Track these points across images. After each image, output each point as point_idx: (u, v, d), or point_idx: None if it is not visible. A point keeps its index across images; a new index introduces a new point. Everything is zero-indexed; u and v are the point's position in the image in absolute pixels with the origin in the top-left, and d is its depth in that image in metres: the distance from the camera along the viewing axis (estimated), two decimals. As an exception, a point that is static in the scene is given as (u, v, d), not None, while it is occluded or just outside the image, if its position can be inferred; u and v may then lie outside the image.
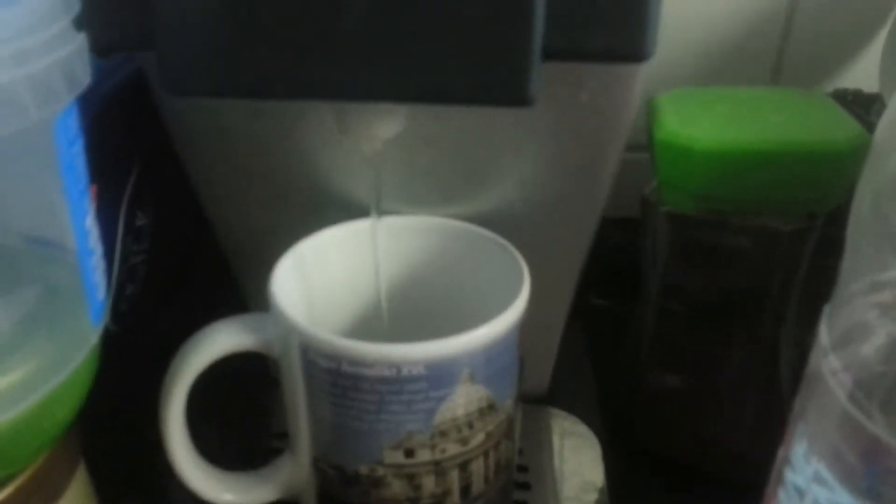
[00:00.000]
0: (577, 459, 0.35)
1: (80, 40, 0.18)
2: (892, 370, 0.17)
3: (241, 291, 0.36)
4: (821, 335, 0.19)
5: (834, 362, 0.18)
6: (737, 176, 0.30)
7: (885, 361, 0.17)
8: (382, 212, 0.28)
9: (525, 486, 0.33)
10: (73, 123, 0.19)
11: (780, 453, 0.20)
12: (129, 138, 0.31)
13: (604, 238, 0.32)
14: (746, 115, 0.32)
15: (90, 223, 0.21)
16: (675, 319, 0.35)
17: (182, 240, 0.39)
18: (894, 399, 0.17)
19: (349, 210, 0.30)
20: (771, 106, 0.33)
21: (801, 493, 0.18)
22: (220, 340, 0.26)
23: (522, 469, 0.34)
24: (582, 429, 0.37)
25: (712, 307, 0.34)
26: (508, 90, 0.20)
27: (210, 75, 0.20)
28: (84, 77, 0.18)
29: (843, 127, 0.30)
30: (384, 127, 0.25)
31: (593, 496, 0.33)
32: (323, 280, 0.30)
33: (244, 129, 0.28)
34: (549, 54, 0.20)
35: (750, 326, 0.33)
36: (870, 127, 0.29)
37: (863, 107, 0.38)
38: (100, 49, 0.20)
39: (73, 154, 0.19)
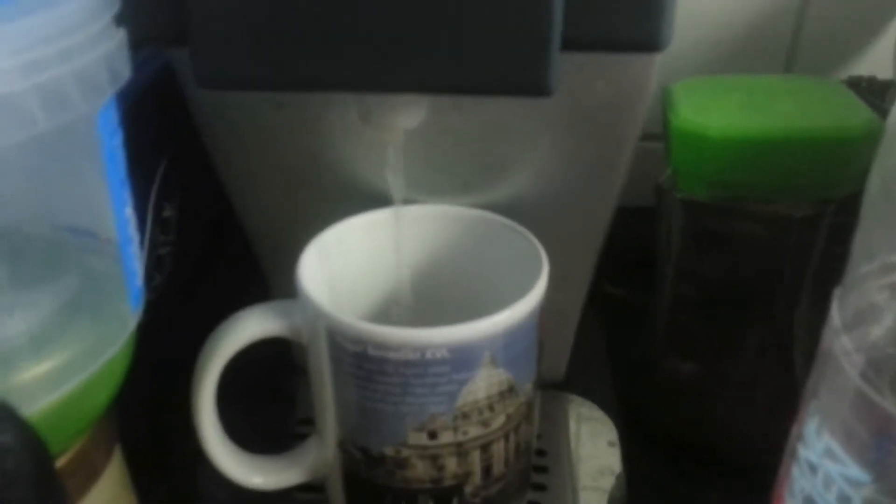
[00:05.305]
0: (594, 444, 0.35)
1: (120, 36, 0.19)
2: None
3: (265, 280, 0.36)
4: (832, 316, 0.19)
5: (846, 343, 0.18)
6: (750, 163, 0.30)
7: (895, 342, 0.18)
8: (404, 201, 0.28)
9: (543, 470, 0.34)
10: (114, 116, 0.20)
11: (794, 431, 0.21)
12: (158, 132, 0.32)
13: (620, 228, 0.33)
14: (759, 103, 0.32)
15: (129, 212, 0.21)
16: (689, 306, 0.35)
17: (206, 231, 0.40)
18: (904, 377, 0.17)
19: (371, 199, 0.30)
20: (784, 93, 0.33)
21: (813, 467, 0.19)
22: (250, 326, 0.26)
23: (540, 453, 0.34)
24: (599, 414, 0.37)
25: (726, 293, 0.34)
26: (528, 80, 0.20)
27: (241, 69, 0.21)
28: (125, 71, 0.18)
29: (856, 114, 0.31)
30: (406, 117, 0.25)
31: (610, 480, 0.34)
32: (346, 268, 0.30)
33: (268, 120, 0.29)
34: (568, 45, 0.20)
35: (763, 312, 0.34)
36: (884, 114, 0.29)
37: (877, 94, 0.38)
38: (134, 43, 0.20)
39: (115, 145, 0.20)
